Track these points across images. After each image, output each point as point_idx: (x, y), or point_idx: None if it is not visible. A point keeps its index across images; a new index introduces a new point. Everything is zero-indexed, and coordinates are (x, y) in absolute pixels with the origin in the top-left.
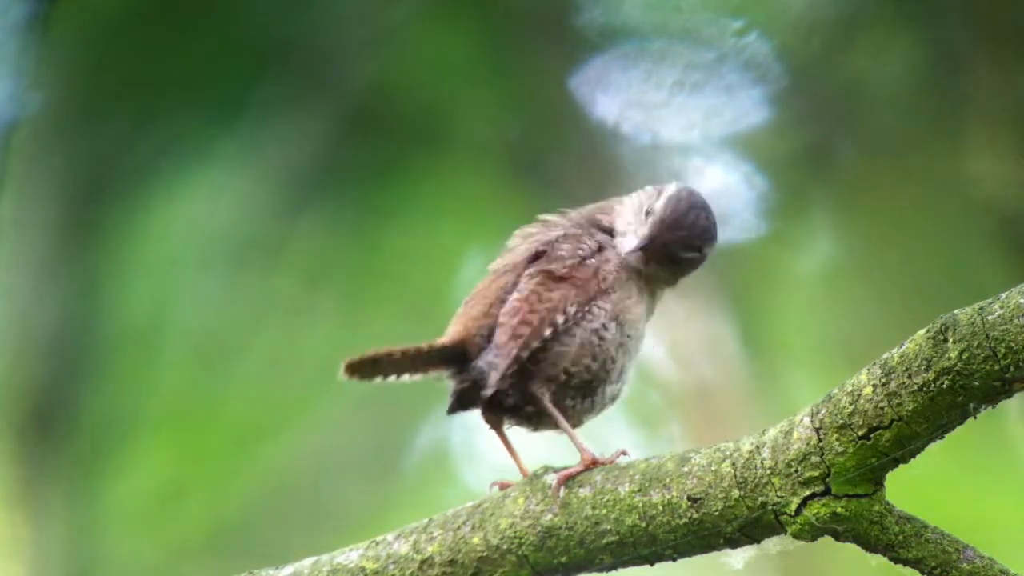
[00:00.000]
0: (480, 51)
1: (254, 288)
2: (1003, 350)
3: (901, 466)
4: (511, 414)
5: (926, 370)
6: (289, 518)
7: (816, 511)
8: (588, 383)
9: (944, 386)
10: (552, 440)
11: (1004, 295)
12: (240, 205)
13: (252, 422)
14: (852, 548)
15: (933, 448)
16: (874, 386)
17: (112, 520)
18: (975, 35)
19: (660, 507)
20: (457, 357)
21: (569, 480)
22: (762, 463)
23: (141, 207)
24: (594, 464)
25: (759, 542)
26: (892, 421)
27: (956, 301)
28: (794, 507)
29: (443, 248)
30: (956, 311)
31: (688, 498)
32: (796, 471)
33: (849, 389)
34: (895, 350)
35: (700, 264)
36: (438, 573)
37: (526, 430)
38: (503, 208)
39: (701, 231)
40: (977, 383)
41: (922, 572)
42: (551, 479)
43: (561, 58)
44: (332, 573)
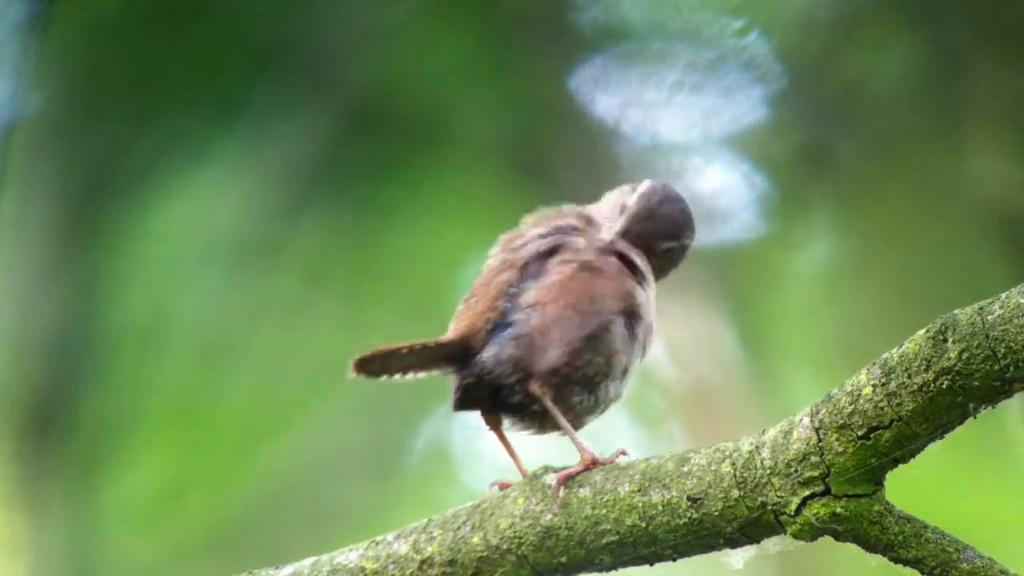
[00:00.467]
0: (480, 51)
1: (254, 288)
2: (1003, 350)
3: (901, 466)
4: (511, 414)
5: (926, 370)
6: (289, 518)
7: (816, 511)
8: (591, 379)
9: (944, 386)
10: (552, 440)
11: (1004, 295)
12: (240, 205)
13: (252, 422)
14: (852, 548)
15: (933, 448)
16: (874, 386)
17: (112, 520)
18: (975, 35)
19: (660, 507)
20: (462, 352)
21: (569, 480)
22: (762, 463)
23: (141, 207)
24: (594, 464)
25: (759, 542)
26: (892, 421)
27: (956, 301)
28: (794, 507)
29: (443, 248)
30: (956, 311)
31: (688, 498)
32: (796, 471)
33: (849, 389)
34: (895, 350)
35: (682, 257)
36: (438, 573)
37: (526, 433)
38: (503, 208)
39: (675, 221)
40: (977, 383)
41: (922, 572)
42: (551, 479)
43: (561, 58)
44: (332, 573)
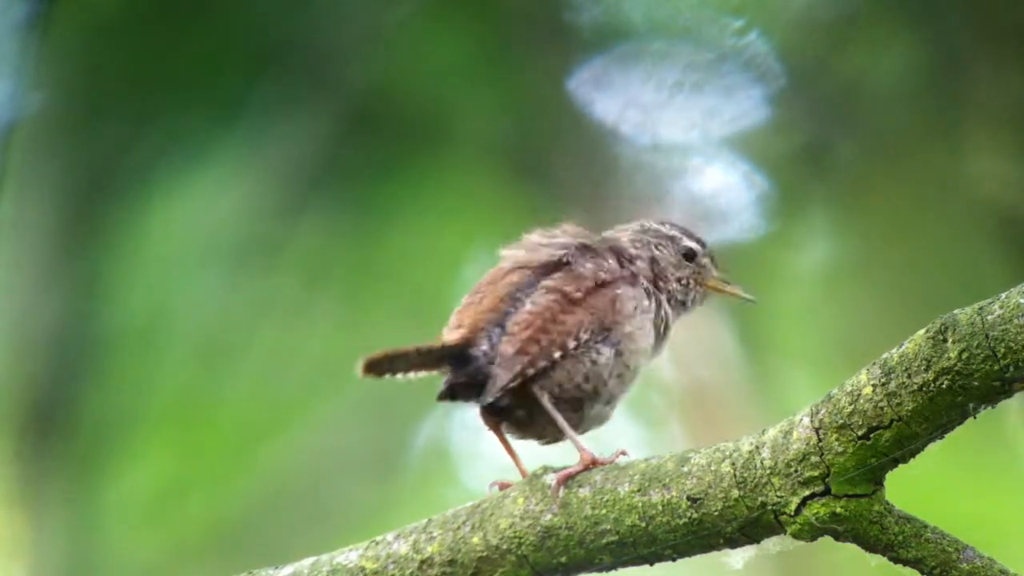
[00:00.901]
0: (480, 51)
1: (254, 288)
2: (1003, 350)
3: (901, 466)
4: (507, 418)
5: (926, 370)
6: (289, 518)
7: (816, 511)
8: (578, 400)
9: (944, 386)
10: None
11: (1004, 295)
12: (240, 205)
13: (252, 422)
14: (852, 548)
15: (933, 448)
16: (874, 386)
17: (112, 520)
18: (975, 35)
19: (660, 507)
20: (465, 352)
21: (568, 480)
22: (762, 463)
23: (141, 207)
24: (593, 464)
25: (759, 542)
26: (892, 421)
27: (956, 301)
28: (794, 507)
29: (443, 248)
30: (956, 311)
31: (688, 498)
32: (796, 471)
33: (849, 389)
34: (895, 350)
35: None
36: (438, 573)
37: (521, 439)
38: (503, 208)
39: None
40: (977, 383)
41: (922, 572)
42: (550, 479)
43: (561, 58)
44: (332, 573)
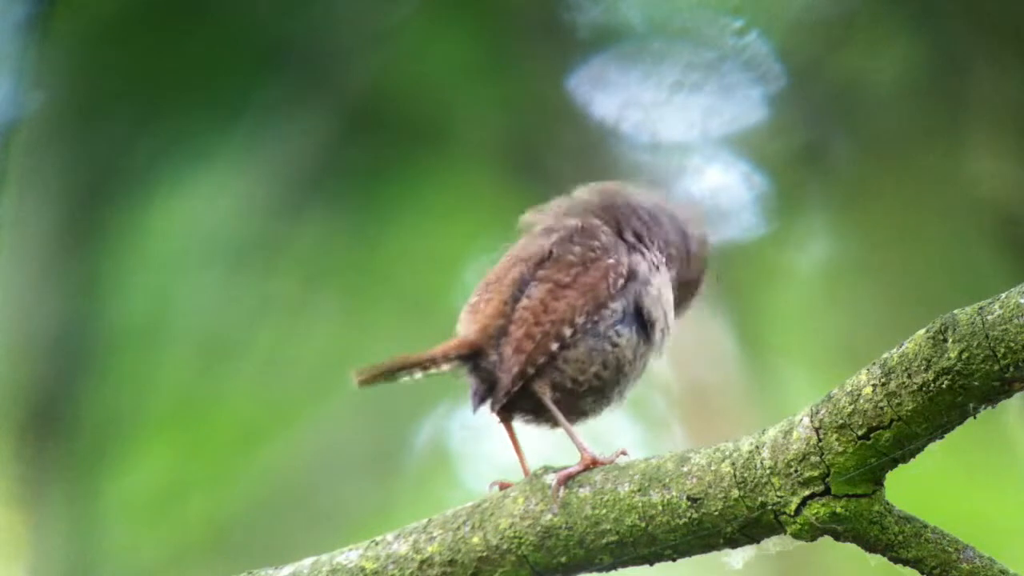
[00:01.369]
0: (480, 51)
1: (254, 288)
2: (1003, 350)
3: (901, 466)
4: (519, 410)
5: (926, 370)
6: (289, 518)
7: (816, 511)
8: (600, 389)
9: (944, 386)
10: (553, 440)
11: (1004, 295)
12: (240, 205)
13: (252, 422)
14: (852, 548)
15: (933, 448)
16: (874, 386)
17: (112, 519)
18: (975, 35)
19: (660, 507)
20: (474, 356)
21: (569, 480)
22: (762, 463)
23: (141, 207)
24: (594, 464)
25: (759, 542)
26: (892, 421)
27: (956, 301)
28: (794, 507)
29: (443, 248)
30: (956, 311)
31: (688, 498)
32: (796, 471)
33: (849, 389)
34: (895, 350)
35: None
36: (438, 573)
37: (537, 428)
38: (503, 208)
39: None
40: (977, 383)
41: (922, 572)
42: (551, 479)
43: (560, 58)
44: (332, 573)
